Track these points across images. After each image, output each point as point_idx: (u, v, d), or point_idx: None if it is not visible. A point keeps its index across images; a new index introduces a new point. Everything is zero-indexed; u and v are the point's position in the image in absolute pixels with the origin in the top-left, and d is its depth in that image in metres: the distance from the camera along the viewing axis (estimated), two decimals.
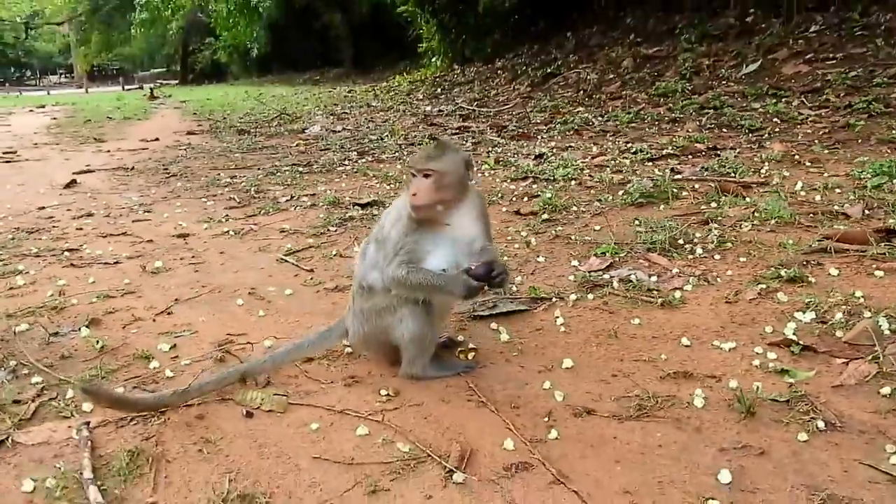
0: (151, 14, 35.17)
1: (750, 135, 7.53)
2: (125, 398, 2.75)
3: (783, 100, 8.89)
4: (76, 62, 60.21)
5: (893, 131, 6.72)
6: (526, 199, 5.85)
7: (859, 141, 6.67)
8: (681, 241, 4.27)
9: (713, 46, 12.26)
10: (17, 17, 61.66)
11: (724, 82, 10.52)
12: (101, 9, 46.28)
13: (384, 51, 34.33)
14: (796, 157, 6.23)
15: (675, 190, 5.40)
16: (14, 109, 24.08)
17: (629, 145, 7.66)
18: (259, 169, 8.69)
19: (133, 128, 15.85)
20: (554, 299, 3.65)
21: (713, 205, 4.96)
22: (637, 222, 4.75)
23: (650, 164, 6.69)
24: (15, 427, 2.68)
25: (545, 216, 5.22)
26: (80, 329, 3.61)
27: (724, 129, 8.01)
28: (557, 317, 3.39)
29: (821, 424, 2.32)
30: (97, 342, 3.42)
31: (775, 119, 8.06)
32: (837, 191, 5.05)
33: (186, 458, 2.43)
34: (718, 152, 6.80)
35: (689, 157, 6.83)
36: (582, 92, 12.29)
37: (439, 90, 17.52)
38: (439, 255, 2.73)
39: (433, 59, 24.19)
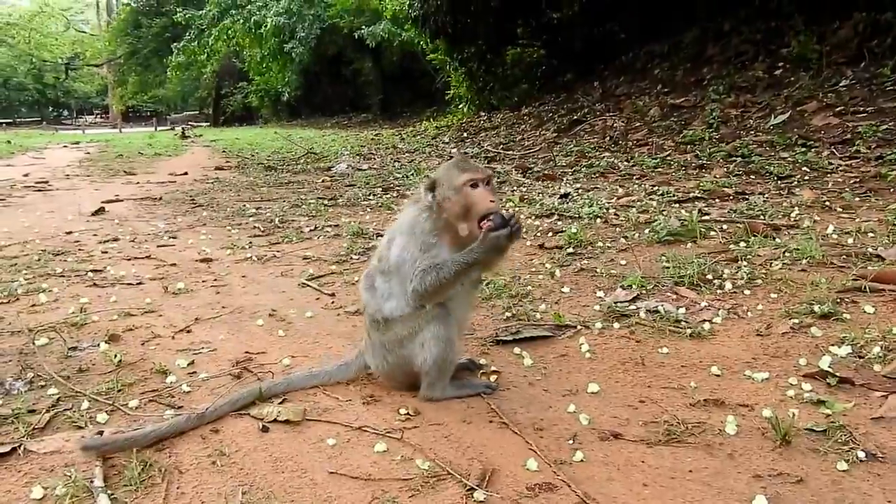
0: (187, 58, 36.24)
1: (779, 182, 7.45)
2: (132, 438, 2.54)
3: (812, 150, 8.81)
4: (112, 103, 61.78)
5: None
6: (551, 234, 5.82)
7: (891, 190, 6.56)
8: (709, 277, 4.19)
9: (741, 98, 12.24)
10: (58, 58, 63.71)
11: (752, 132, 10.46)
12: (139, 52, 47.63)
13: (412, 97, 34.85)
14: (827, 203, 6.14)
15: (702, 229, 5.32)
16: (49, 145, 24.65)
17: (655, 188, 7.62)
18: (284, 201, 8.78)
19: (163, 163, 16.12)
20: (579, 327, 3.60)
21: (742, 244, 4.88)
22: (664, 258, 4.68)
23: (677, 205, 6.63)
24: (28, 436, 2.64)
25: (570, 250, 5.18)
26: (98, 344, 3.61)
27: (752, 176, 7.94)
28: (582, 344, 3.33)
29: (861, 455, 2.21)
30: (115, 356, 3.40)
31: (804, 168, 7.98)
32: (870, 235, 4.94)
33: (199, 470, 2.37)
34: (746, 197, 6.73)
35: (717, 200, 6.75)
36: (608, 138, 12.31)
37: (465, 134, 17.66)
38: None
39: (460, 106, 24.44)
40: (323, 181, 11.01)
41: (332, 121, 38.18)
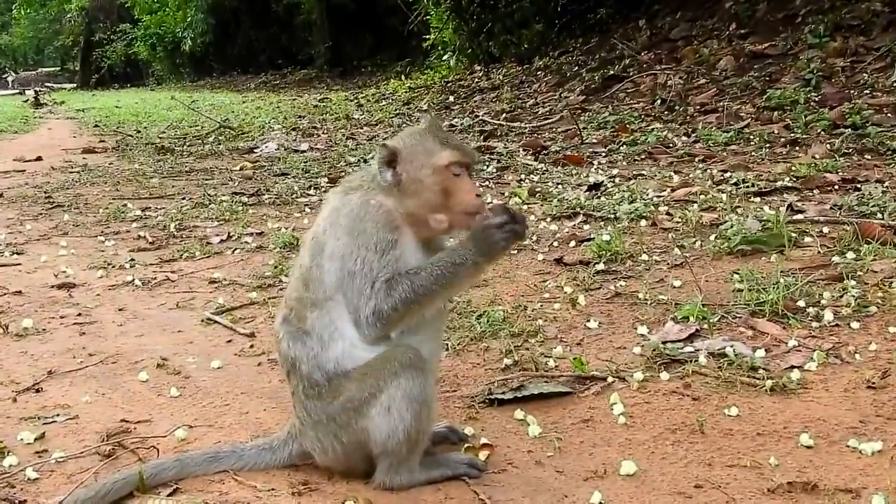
0: None
1: None
2: None
3: None
4: None
5: None
6: (573, 243, 5.87)
7: None
8: (801, 304, 4.24)
9: (851, 42, 12.40)
10: None
11: (866, 91, 10.60)
12: None
13: (374, 46, 34.96)
14: None
15: (794, 234, 5.38)
16: None
17: (727, 174, 7.70)
18: (184, 199, 8.82)
19: (6, 143, 16.11)
20: (610, 379, 3.62)
21: (850, 255, 4.93)
22: (737, 277, 4.72)
23: (757, 199, 6.70)
24: None
25: (601, 266, 5.21)
26: None
27: (867, 156, 8.04)
28: (615, 403, 3.35)
29: None
30: None
31: None
32: None
33: None
34: (858, 185, 6.81)
35: (815, 191, 6.84)
36: (659, 102, 12.42)
37: (452, 98, 17.77)
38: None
39: (445, 58, 24.56)
40: (242, 169, 11.03)
41: (258, 80, 38.22)
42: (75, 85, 53.65)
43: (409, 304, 2.69)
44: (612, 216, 6.49)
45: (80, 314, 5.03)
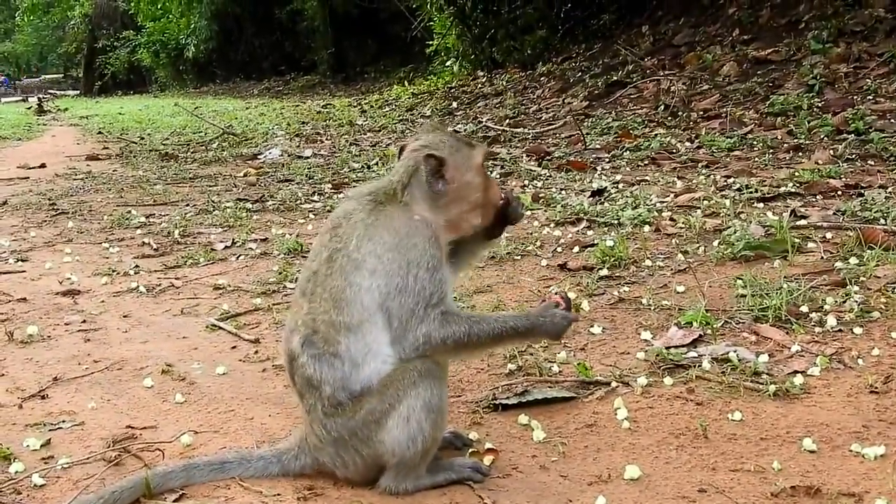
0: None
1: None
2: None
3: None
4: None
5: None
6: (577, 249, 5.89)
7: None
8: (805, 309, 4.26)
9: (854, 48, 12.42)
10: None
11: (869, 97, 10.61)
12: None
13: (377, 52, 35.04)
14: None
15: (797, 240, 5.40)
16: None
17: (730, 180, 7.73)
18: (188, 205, 8.88)
19: (9, 151, 16.15)
20: (614, 384, 3.63)
21: (853, 261, 4.95)
22: (740, 282, 4.74)
23: (761, 205, 6.72)
24: None
25: (604, 272, 5.24)
26: None
27: (870, 161, 8.07)
28: (619, 408, 3.37)
29: None
30: None
31: None
32: None
33: None
34: (862, 191, 6.83)
35: (818, 196, 6.87)
36: (663, 108, 12.45)
37: (455, 104, 17.79)
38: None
39: (448, 64, 24.57)
40: (246, 175, 11.10)
41: (261, 86, 38.28)
42: (78, 92, 53.78)
43: (459, 347, 2.77)
44: (616, 222, 6.52)
45: (84, 321, 5.06)
